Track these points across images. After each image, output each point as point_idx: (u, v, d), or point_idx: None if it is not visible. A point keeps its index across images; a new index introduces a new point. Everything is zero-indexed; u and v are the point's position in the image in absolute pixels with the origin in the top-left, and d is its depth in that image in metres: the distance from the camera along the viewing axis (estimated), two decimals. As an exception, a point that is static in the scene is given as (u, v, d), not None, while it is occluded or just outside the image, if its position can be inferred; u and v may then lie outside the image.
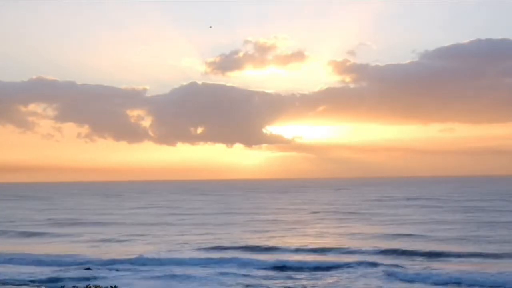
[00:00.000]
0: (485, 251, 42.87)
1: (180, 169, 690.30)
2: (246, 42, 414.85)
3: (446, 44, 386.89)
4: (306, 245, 47.21)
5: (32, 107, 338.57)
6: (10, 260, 42.27)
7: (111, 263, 39.99)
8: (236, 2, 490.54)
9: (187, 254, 43.74)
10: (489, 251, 42.88)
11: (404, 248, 44.43)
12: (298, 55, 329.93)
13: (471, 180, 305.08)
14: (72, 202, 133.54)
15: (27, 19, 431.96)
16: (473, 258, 40.38)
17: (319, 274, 35.99)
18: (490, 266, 36.68)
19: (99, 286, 20.77)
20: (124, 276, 35.53)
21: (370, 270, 36.29)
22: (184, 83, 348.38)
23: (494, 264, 37.89)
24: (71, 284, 28.84)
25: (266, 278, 35.13)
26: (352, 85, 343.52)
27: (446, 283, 32.92)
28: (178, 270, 36.95)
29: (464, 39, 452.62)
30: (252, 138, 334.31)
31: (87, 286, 19.73)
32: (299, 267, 38.19)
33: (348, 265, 37.76)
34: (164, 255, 42.60)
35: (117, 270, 37.66)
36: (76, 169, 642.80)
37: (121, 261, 40.61)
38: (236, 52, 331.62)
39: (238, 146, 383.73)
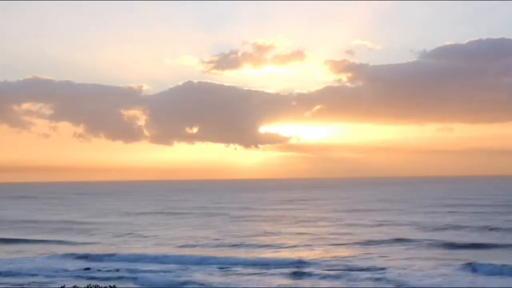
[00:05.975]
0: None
1: (177, 169, 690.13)
2: (245, 41, 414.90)
3: (445, 44, 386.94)
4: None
5: (27, 106, 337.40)
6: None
7: None
8: (235, 2, 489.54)
9: None
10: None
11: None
12: (296, 55, 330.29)
13: (462, 181, 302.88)
14: None
15: (23, 19, 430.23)
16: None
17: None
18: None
19: (99, 286, 18.89)
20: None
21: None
22: (181, 83, 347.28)
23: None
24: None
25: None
26: (350, 85, 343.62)
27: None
28: None
29: (464, 39, 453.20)
30: (250, 138, 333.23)
31: (87, 286, 17.72)
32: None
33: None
34: None
35: None
36: (73, 169, 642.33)
37: None
38: (235, 51, 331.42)
39: (236, 146, 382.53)
